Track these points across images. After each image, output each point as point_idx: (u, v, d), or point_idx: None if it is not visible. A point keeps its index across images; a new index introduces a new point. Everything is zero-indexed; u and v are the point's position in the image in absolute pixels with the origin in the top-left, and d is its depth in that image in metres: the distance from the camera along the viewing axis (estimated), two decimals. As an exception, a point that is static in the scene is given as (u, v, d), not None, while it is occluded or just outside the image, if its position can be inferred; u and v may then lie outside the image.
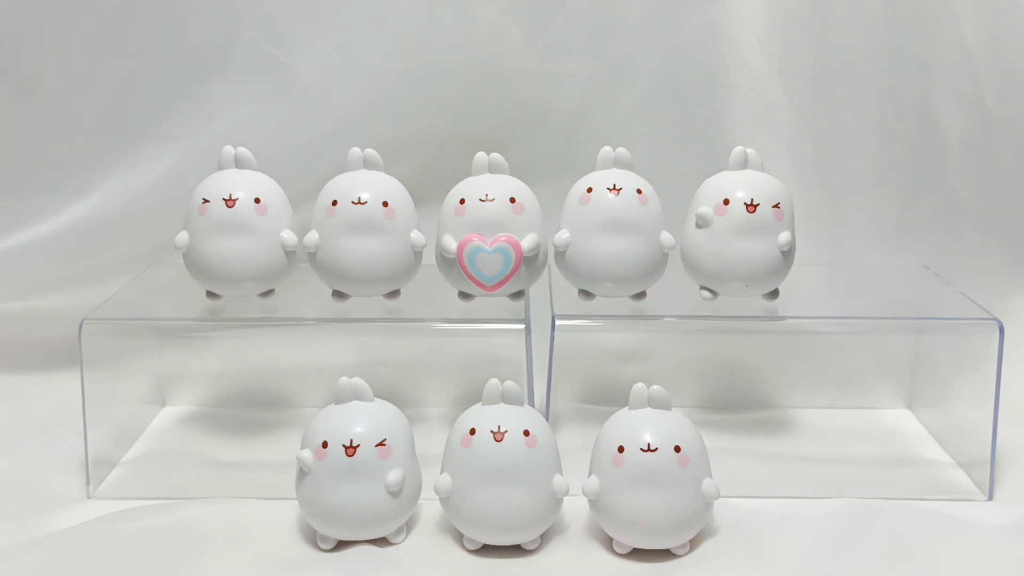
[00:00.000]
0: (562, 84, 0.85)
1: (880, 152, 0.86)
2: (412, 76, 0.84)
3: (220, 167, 0.71)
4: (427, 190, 0.77)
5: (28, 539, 0.64)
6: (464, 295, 0.72)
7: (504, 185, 0.69)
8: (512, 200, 0.69)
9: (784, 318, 0.72)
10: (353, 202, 0.68)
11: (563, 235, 0.69)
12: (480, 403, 0.64)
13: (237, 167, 0.71)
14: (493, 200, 0.68)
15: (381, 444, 0.62)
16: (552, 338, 0.69)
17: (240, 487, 0.70)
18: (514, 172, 0.71)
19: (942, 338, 0.81)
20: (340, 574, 0.60)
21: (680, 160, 0.84)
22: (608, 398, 0.81)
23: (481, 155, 0.71)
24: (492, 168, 0.71)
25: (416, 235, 0.70)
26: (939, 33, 0.83)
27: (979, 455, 0.71)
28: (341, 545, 0.63)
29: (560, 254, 0.70)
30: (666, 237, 0.69)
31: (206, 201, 0.68)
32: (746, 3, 0.84)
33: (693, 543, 0.63)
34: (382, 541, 0.63)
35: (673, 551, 0.62)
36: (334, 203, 0.69)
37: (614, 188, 0.69)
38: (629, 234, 0.68)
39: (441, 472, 0.63)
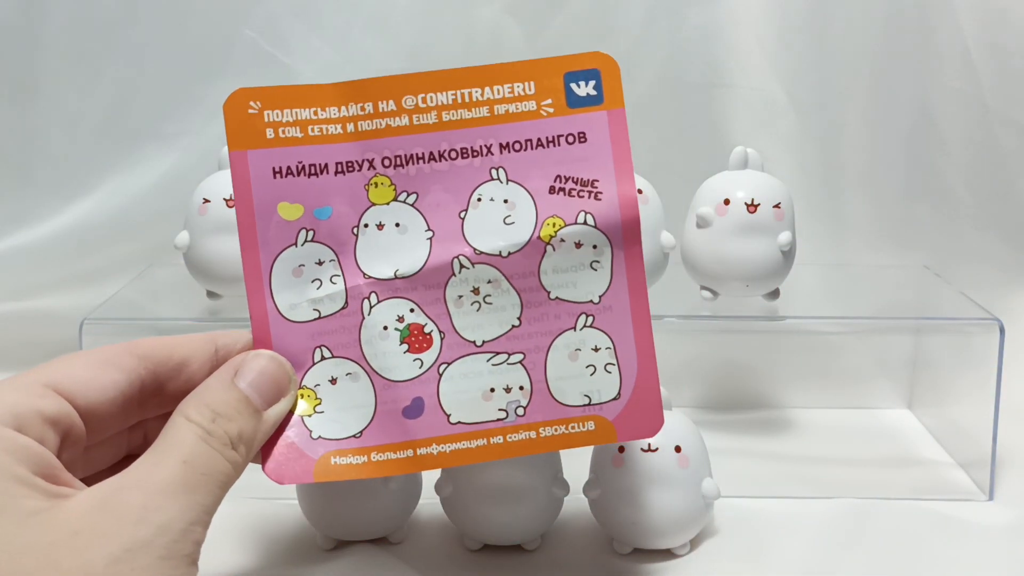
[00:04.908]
0: (562, 84, 0.85)
1: (880, 152, 0.86)
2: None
3: (220, 167, 0.71)
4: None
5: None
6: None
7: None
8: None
9: (784, 318, 0.72)
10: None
11: (563, 235, 0.69)
12: (480, 403, 0.64)
13: (237, 167, 0.71)
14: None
15: (381, 444, 0.62)
16: (552, 338, 0.69)
17: (240, 487, 0.70)
18: (514, 172, 0.71)
19: (942, 338, 0.81)
20: (340, 574, 0.60)
21: (680, 160, 0.83)
22: (608, 398, 0.81)
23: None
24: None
25: None
26: (939, 33, 0.83)
27: (979, 455, 0.70)
28: (341, 545, 0.63)
29: (560, 254, 0.70)
30: (666, 237, 0.69)
31: (207, 201, 0.68)
32: (746, 3, 0.84)
33: (693, 543, 0.63)
34: (382, 541, 0.63)
35: (673, 551, 0.62)
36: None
37: (614, 188, 0.69)
38: (629, 234, 0.68)
39: (442, 472, 0.63)
